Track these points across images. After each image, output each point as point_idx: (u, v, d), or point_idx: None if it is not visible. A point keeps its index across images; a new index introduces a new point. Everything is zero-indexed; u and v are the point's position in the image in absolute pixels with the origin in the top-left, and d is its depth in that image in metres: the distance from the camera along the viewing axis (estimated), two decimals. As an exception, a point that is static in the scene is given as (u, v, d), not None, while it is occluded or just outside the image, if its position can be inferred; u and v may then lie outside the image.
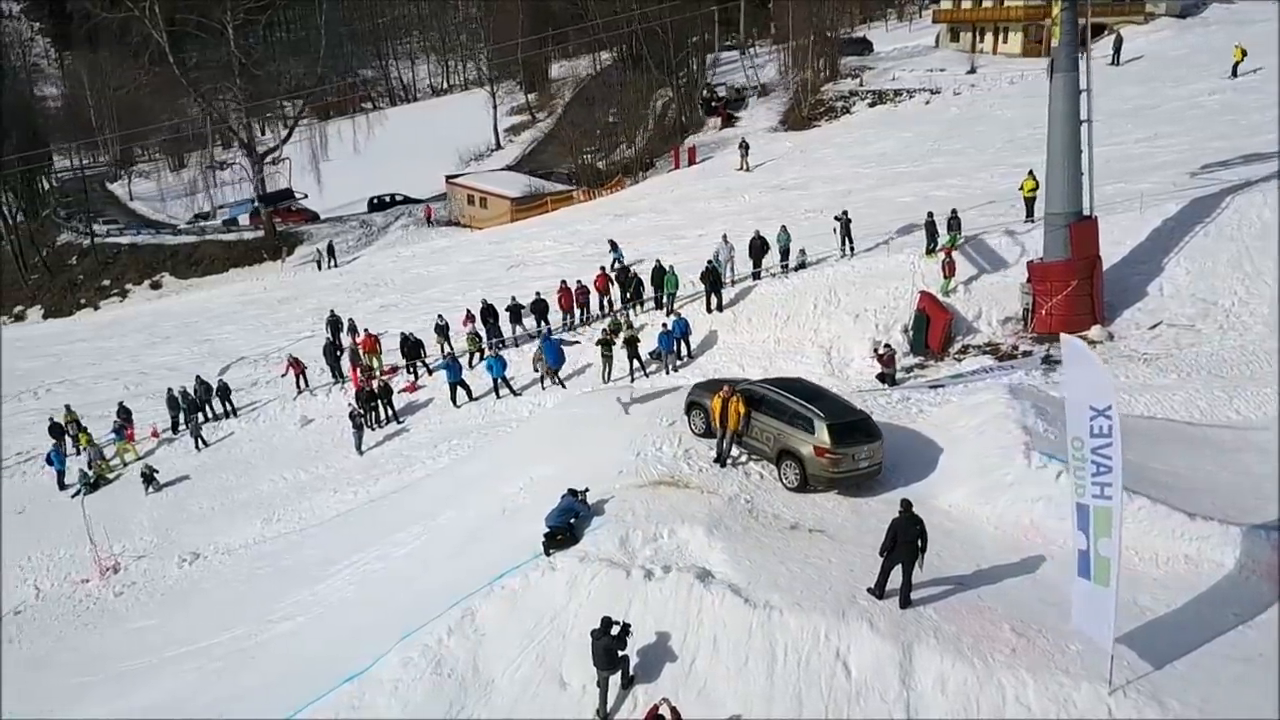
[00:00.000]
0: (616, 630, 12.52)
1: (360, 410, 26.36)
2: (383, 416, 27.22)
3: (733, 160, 51.87)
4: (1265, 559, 12.44)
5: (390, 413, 27.30)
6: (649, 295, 29.26)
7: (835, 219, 28.37)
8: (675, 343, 26.28)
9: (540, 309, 29.40)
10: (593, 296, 29.85)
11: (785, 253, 28.63)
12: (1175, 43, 51.95)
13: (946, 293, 24.75)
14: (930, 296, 24.49)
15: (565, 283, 29.81)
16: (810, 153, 51.49)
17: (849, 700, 11.71)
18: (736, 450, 16.52)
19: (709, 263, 28.10)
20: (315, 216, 63.66)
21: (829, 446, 15.01)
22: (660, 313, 28.15)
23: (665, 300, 28.24)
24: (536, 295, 29.83)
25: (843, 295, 26.07)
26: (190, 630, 19.11)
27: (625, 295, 29.62)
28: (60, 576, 22.90)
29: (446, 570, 16.41)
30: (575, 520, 14.98)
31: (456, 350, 28.86)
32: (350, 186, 64.59)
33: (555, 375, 26.57)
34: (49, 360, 42.25)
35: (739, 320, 27.21)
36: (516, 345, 29.10)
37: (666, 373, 25.98)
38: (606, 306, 29.87)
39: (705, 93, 68.79)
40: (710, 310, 27.59)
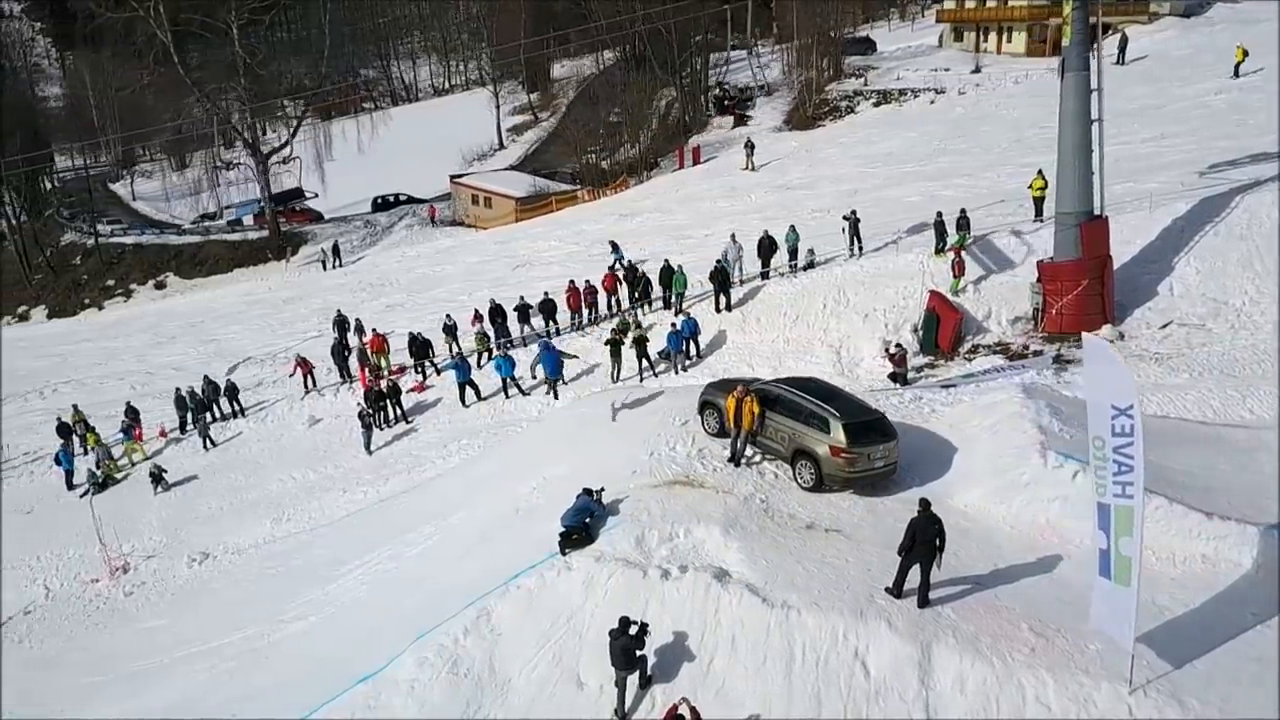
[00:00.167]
0: (635, 630, 12.48)
1: (369, 410, 26.33)
2: (391, 416, 27.22)
3: (738, 160, 51.86)
4: (1282, 559, 12.40)
5: (399, 413, 27.29)
6: (657, 295, 29.25)
7: (844, 218, 28.37)
8: (684, 342, 26.26)
9: (548, 309, 29.37)
10: (601, 296, 29.84)
11: (794, 252, 28.61)
12: (1179, 42, 51.93)
13: (956, 292, 24.72)
14: (940, 296, 24.46)
15: (573, 282, 29.79)
16: (815, 152, 51.44)
17: (868, 700, 11.71)
18: (751, 450, 16.49)
19: (717, 262, 28.10)
20: (320, 216, 63.66)
21: (845, 446, 14.99)
22: (669, 312, 28.15)
23: (674, 300, 28.24)
24: (545, 295, 29.81)
25: (852, 295, 26.08)
26: (201, 630, 19.07)
27: (634, 295, 29.62)
28: (70, 576, 22.88)
29: (459, 570, 16.35)
30: (590, 520, 14.92)
31: (465, 350, 28.83)
32: (354, 186, 64.52)
33: (553, 386, 26.38)
34: (54, 360, 42.21)
35: (748, 320, 27.21)
36: (525, 345, 29.07)
37: (675, 373, 25.96)
38: (615, 306, 29.87)
39: (718, 91, 68.64)
40: (719, 310, 27.60)
